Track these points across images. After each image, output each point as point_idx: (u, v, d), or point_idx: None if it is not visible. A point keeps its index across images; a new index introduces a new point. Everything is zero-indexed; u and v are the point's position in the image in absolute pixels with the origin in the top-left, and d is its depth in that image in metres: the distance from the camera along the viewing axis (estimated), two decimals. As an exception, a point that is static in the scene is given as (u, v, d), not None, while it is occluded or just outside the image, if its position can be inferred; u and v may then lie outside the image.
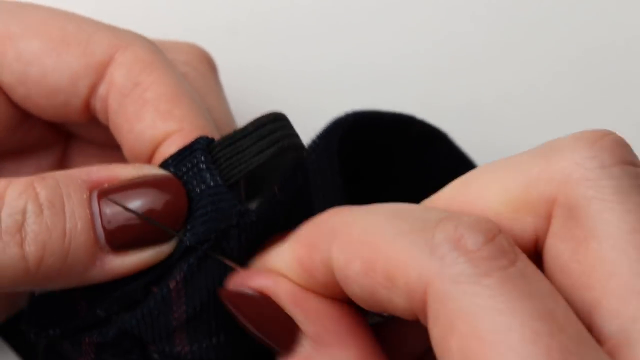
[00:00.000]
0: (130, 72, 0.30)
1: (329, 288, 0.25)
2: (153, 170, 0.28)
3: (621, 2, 0.44)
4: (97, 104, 0.30)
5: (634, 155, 0.24)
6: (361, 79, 0.42)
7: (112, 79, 0.30)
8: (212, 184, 0.28)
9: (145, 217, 0.27)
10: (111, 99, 0.30)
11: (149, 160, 0.30)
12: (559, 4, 0.44)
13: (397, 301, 0.23)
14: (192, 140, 0.28)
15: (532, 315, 0.21)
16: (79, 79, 0.30)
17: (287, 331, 0.26)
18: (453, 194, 0.26)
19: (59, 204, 0.27)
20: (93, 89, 0.30)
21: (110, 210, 0.27)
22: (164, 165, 0.28)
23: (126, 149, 0.30)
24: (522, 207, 0.24)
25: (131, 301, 0.28)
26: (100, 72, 0.30)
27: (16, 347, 0.37)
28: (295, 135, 0.29)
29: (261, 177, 0.33)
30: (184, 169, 0.28)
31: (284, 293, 0.26)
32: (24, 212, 0.26)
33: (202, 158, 0.28)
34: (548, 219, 0.24)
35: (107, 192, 0.27)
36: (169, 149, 0.29)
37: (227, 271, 0.27)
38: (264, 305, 0.26)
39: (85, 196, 0.27)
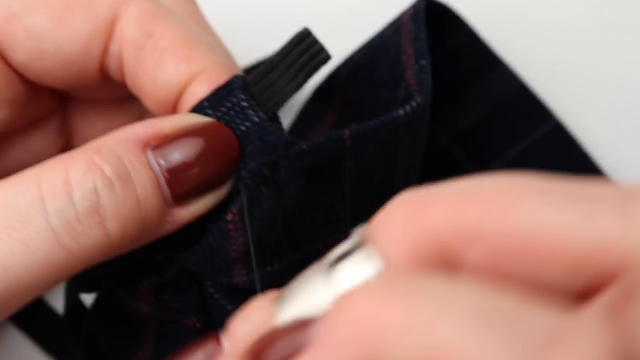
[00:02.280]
0: (139, 25, 0.30)
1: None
2: (196, 118, 0.28)
3: None
4: (111, 63, 0.30)
5: None
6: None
7: (123, 34, 0.30)
8: (257, 120, 0.28)
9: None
10: (126, 55, 0.30)
11: (175, 105, 0.30)
12: None
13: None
14: (224, 79, 0.29)
15: None
16: (92, 43, 0.30)
17: None
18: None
19: (126, 173, 0.26)
20: (105, 49, 0.30)
21: (168, 164, 0.27)
22: (199, 108, 0.29)
23: (150, 101, 0.30)
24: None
25: (189, 242, 0.29)
26: (109, 31, 0.30)
27: (33, 334, 0.38)
28: (321, 50, 0.29)
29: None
30: (224, 109, 0.28)
31: None
32: (95, 191, 0.26)
33: (242, 96, 0.28)
34: (600, 284, 0.20)
35: (159, 147, 0.27)
36: (197, 90, 0.29)
37: (279, 202, 0.28)
38: None
39: (143, 157, 0.27)
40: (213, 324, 0.31)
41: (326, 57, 0.29)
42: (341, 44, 0.36)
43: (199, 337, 0.30)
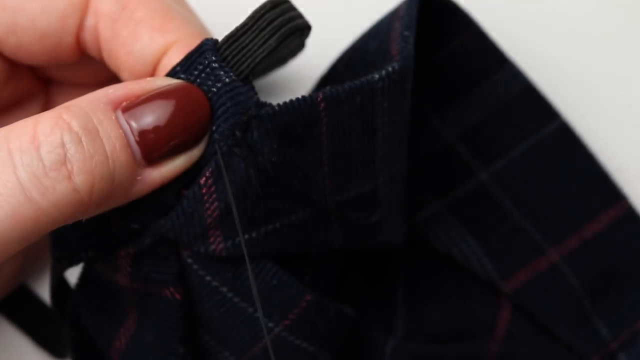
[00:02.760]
0: None
1: None
2: (167, 81, 0.28)
3: None
4: (87, 37, 0.31)
5: None
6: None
7: (99, 8, 0.30)
8: (227, 80, 0.28)
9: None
10: (102, 28, 0.30)
11: (151, 75, 0.30)
12: None
13: None
14: (196, 45, 0.29)
15: None
16: (68, 16, 0.30)
17: None
18: None
19: (93, 129, 0.27)
20: (81, 23, 0.31)
21: (138, 125, 0.27)
22: (172, 73, 0.29)
23: (126, 73, 0.31)
24: None
25: (164, 208, 0.29)
26: (84, 5, 0.31)
27: (19, 323, 0.38)
28: (297, 17, 0.29)
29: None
30: (196, 72, 0.29)
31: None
32: (63, 145, 0.26)
33: (214, 58, 0.28)
34: None
35: (130, 109, 0.27)
36: (172, 59, 0.29)
37: (253, 166, 0.28)
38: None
39: (113, 117, 0.27)
40: (192, 296, 0.30)
41: (304, 25, 0.29)
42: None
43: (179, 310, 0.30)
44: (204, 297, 0.30)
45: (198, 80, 0.28)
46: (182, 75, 0.29)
